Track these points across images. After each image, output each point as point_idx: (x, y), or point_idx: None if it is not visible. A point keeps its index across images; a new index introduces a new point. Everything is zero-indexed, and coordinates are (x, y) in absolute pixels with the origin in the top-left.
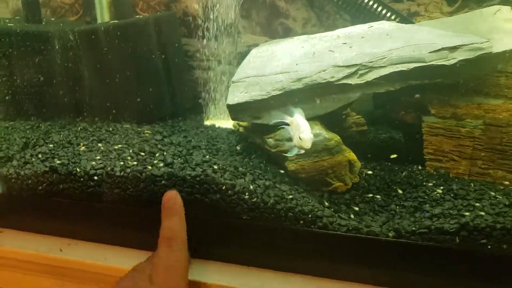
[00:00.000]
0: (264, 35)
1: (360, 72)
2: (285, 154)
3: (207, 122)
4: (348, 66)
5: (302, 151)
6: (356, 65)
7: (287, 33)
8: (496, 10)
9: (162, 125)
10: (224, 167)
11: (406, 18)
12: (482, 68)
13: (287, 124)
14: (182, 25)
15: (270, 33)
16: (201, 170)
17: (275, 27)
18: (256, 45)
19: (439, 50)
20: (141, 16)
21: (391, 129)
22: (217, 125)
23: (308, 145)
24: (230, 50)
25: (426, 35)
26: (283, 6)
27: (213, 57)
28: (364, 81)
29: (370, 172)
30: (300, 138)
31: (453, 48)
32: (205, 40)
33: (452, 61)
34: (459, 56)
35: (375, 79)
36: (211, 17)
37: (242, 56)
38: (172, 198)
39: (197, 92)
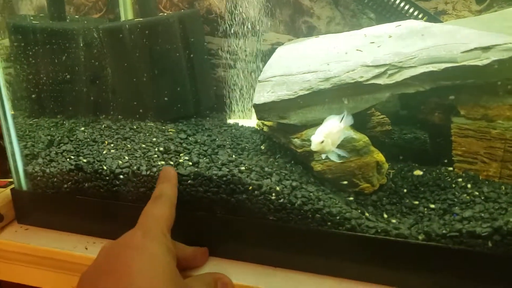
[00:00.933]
0: (287, 33)
1: (389, 72)
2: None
3: (230, 121)
4: (377, 66)
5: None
6: (385, 65)
7: (311, 31)
8: None
9: (186, 123)
10: (250, 167)
11: (434, 17)
12: None
13: None
14: (205, 23)
15: (293, 32)
16: (227, 170)
17: (299, 26)
18: (279, 43)
19: (471, 50)
20: (165, 14)
21: (416, 130)
22: (240, 124)
23: (312, 147)
24: (254, 48)
25: (456, 35)
26: (307, 4)
27: (236, 55)
28: (394, 81)
29: (397, 173)
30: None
31: (487, 48)
32: (228, 38)
33: (486, 61)
34: (493, 56)
35: (405, 79)
36: (234, 15)
37: (266, 54)
38: (167, 170)
39: (220, 90)
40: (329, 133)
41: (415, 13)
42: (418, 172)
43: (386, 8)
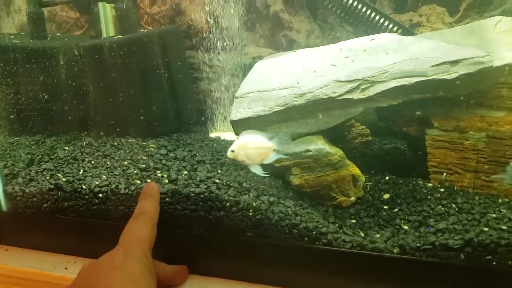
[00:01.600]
0: (268, 47)
1: (362, 87)
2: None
3: (212, 135)
4: (350, 81)
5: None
6: (358, 80)
7: (291, 45)
8: (497, 21)
9: (167, 138)
10: (228, 183)
11: (408, 30)
12: (483, 82)
13: None
14: (186, 37)
15: (274, 45)
16: (205, 187)
17: (279, 39)
18: (260, 57)
19: (440, 64)
20: (145, 31)
21: (397, 140)
22: (222, 137)
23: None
24: (234, 62)
25: (427, 48)
26: (286, 18)
27: (218, 69)
28: (366, 96)
29: (374, 185)
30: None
31: (455, 62)
32: (209, 52)
33: (454, 75)
34: (461, 70)
35: (377, 93)
36: (215, 29)
37: (247, 68)
38: (150, 186)
39: (202, 104)
40: (243, 147)
41: (390, 26)
42: (386, 196)
43: (362, 21)
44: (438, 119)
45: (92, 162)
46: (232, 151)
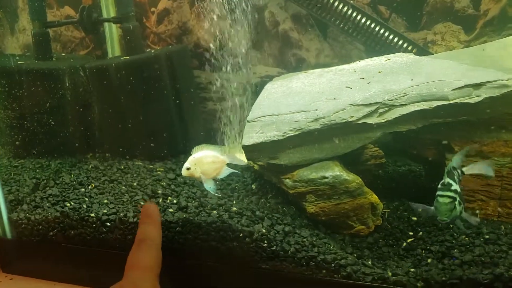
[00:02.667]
0: (277, 66)
1: (380, 110)
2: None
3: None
4: (367, 105)
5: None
6: (375, 103)
7: (300, 64)
8: None
9: (175, 161)
10: (241, 211)
11: (423, 49)
12: (508, 105)
13: None
14: (194, 57)
15: (283, 64)
16: (217, 215)
17: (288, 58)
18: (269, 76)
19: (462, 87)
20: (152, 51)
21: (411, 162)
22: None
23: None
24: (243, 81)
25: (447, 70)
26: (296, 37)
27: (226, 89)
28: (385, 120)
29: (392, 213)
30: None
31: (477, 85)
32: (217, 72)
33: (477, 99)
34: (484, 93)
35: (396, 118)
36: (223, 48)
37: (255, 87)
38: (150, 208)
39: (210, 124)
40: (199, 162)
41: (405, 45)
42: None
43: (375, 40)
44: (459, 143)
45: (99, 187)
46: (188, 168)
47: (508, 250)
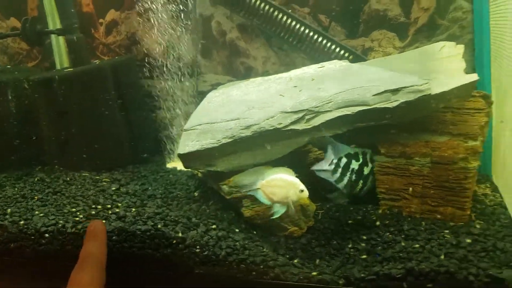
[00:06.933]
0: (226, 74)
1: (307, 117)
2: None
3: (169, 165)
4: (295, 112)
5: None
6: (303, 110)
7: (249, 71)
8: (441, 46)
9: (122, 171)
10: (177, 218)
11: (359, 55)
12: (424, 109)
13: None
14: (143, 67)
15: (232, 72)
16: (152, 224)
17: (237, 66)
18: (218, 84)
19: (382, 92)
20: (97, 62)
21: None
22: (178, 168)
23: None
24: (192, 90)
25: (371, 76)
26: (243, 46)
27: (175, 98)
28: (311, 126)
29: (325, 213)
30: (301, 191)
31: (395, 91)
32: (166, 81)
33: (395, 104)
34: (401, 98)
35: (321, 123)
36: (172, 58)
37: (204, 95)
38: (95, 225)
39: (159, 133)
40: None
41: (342, 52)
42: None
43: (314, 49)
44: (385, 145)
45: (42, 199)
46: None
47: (425, 245)
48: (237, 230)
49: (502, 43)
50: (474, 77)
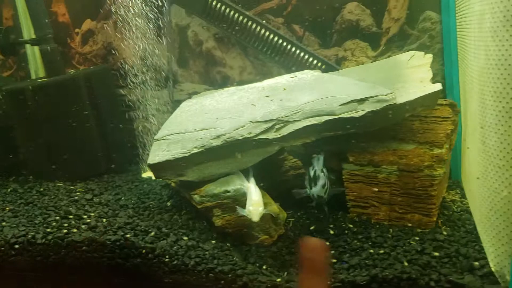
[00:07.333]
0: (203, 83)
1: (276, 126)
2: None
3: (145, 175)
4: (265, 121)
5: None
6: (272, 120)
7: (226, 81)
8: (410, 56)
9: (97, 181)
10: (147, 228)
11: (331, 65)
12: (390, 118)
13: None
14: (120, 76)
15: (209, 81)
16: (122, 234)
17: (213, 75)
18: (195, 93)
19: (348, 102)
20: (71, 72)
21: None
22: (153, 178)
23: (255, 219)
24: (168, 98)
25: (340, 87)
26: (219, 55)
27: (151, 107)
28: (280, 135)
29: (296, 221)
30: (249, 210)
31: (361, 100)
32: (142, 90)
33: (361, 113)
34: (367, 108)
35: (290, 133)
36: (149, 67)
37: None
38: (315, 249)
39: (135, 142)
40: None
41: (314, 62)
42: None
43: (287, 59)
44: (354, 154)
45: (14, 210)
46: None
47: (390, 252)
48: (208, 239)
49: (465, 54)
50: (438, 86)
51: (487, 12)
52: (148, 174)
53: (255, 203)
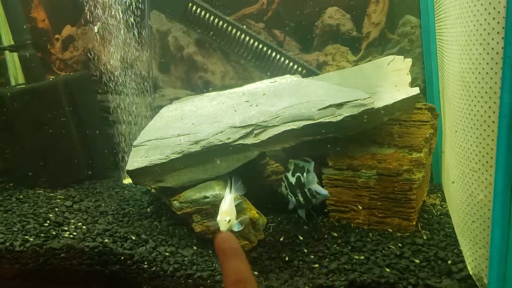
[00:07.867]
0: (185, 88)
1: (255, 132)
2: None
3: (126, 181)
4: (244, 127)
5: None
6: (251, 125)
7: (207, 86)
8: (390, 60)
9: (78, 188)
10: (126, 235)
11: (311, 70)
12: (368, 122)
13: None
14: (101, 82)
15: (190, 87)
16: (100, 240)
17: (195, 81)
18: (177, 98)
19: (327, 107)
20: (50, 78)
21: None
22: None
23: (222, 228)
24: (151, 104)
25: (319, 91)
26: (201, 60)
27: (132, 112)
28: (259, 140)
29: (276, 226)
30: (217, 220)
31: (340, 105)
32: (123, 96)
33: (339, 118)
34: (345, 112)
35: (269, 138)
36: (129, 73)
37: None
38: (226, 240)
39: (116, 148)
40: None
41: (295, 67)
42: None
43: (268, 64)
44: (333, 158)
45: None
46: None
47: (369, 256)
48: (187, 245)
49: (443, 58)
50: (416, 90)
51: (461, 16)
52: (129, 180)
53: (223, 213)
